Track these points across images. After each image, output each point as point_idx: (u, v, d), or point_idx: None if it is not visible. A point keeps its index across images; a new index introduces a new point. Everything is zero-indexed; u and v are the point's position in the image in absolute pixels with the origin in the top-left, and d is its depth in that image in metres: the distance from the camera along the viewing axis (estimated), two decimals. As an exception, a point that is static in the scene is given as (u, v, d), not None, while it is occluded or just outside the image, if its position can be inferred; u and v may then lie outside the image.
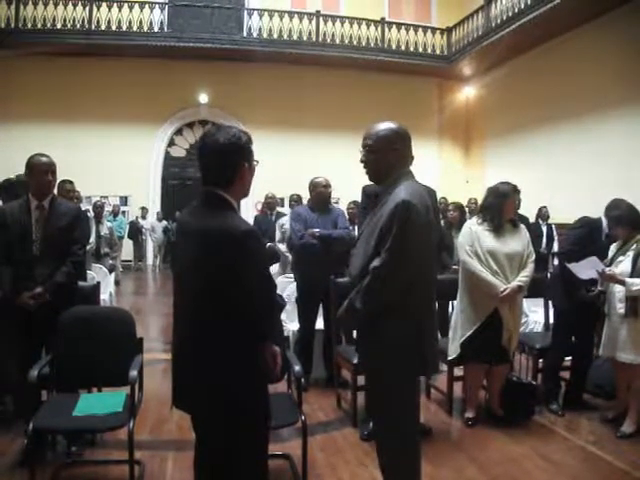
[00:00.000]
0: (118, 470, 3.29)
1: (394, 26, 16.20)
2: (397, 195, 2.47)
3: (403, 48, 16.14)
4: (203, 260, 2.13)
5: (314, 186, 5.21)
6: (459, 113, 17.44)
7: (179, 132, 16.66)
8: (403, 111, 13.13)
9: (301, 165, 13.74)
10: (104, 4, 14.48)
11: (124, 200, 15.95)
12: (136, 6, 14.68)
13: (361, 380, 3.88)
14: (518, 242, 4.17)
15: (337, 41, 15.70)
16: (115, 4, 14.56)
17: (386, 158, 2.60)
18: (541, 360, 4.70)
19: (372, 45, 15.94)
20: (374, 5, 16.67)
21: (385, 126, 2.63)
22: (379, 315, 2.50)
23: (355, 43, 15.82)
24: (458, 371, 4.52)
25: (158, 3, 15.09)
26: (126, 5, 14.65)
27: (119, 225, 10.98)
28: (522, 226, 4.33)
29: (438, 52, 16.51)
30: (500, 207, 4.13)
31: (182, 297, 2.27)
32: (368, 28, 15.98)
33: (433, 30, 16.60)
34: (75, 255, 3.71)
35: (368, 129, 2.68)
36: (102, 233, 8.05)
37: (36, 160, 3.64)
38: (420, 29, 16.47)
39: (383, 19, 16.18)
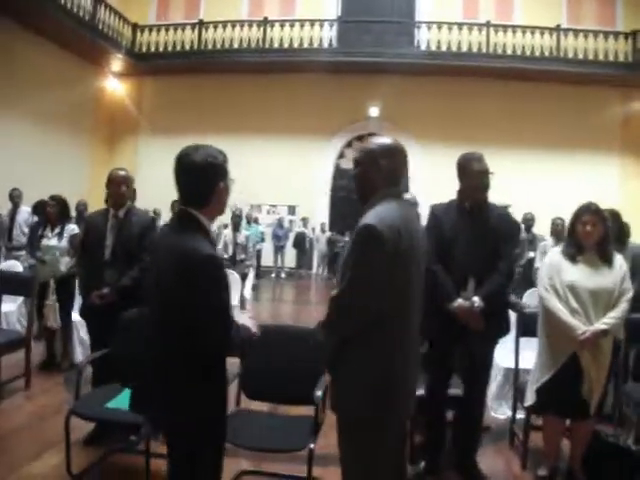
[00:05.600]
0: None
1: (571, 33, 15.17)
2: (363, 219, 2.19)
3: (581, 56, 14.99)
4: (164, 277, 2.18)
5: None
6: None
7: (349, 145, 16.89)
8: (581, 123, 11.97)
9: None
10: (277, 24, 15.49)
11: (292, 210, 16.80)
12: (307, 24, 15.48)
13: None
14: (607, 276, 3.49)
15: (508, 52, 15.10)
16: (287, 23, 15.49)
17: (368, 173, 2.34)
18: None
19: (547, 54, 15.06)
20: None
21: (375, 140, 2.41)
22: (342, 348, 2.24)
23: (528, 53, 15.07)
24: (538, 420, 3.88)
25: (328, 20, 15.73)
26: (297, 24, 15.50)
27: (254, 234, 11.37)
28: (618, 257, 3.59)
29: (621, 59, 15.02)
30: None
31: (150, 311, 2.32)
32: (542, 36, 15.14)
33: (616, 35, 15.19)
34: (143, 262, 3.98)
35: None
36: (238, 241, 8.47)
37: (114, 173, 4.05)
38: (601, 35, 15.16)
39: (559, 26, 15.22)
